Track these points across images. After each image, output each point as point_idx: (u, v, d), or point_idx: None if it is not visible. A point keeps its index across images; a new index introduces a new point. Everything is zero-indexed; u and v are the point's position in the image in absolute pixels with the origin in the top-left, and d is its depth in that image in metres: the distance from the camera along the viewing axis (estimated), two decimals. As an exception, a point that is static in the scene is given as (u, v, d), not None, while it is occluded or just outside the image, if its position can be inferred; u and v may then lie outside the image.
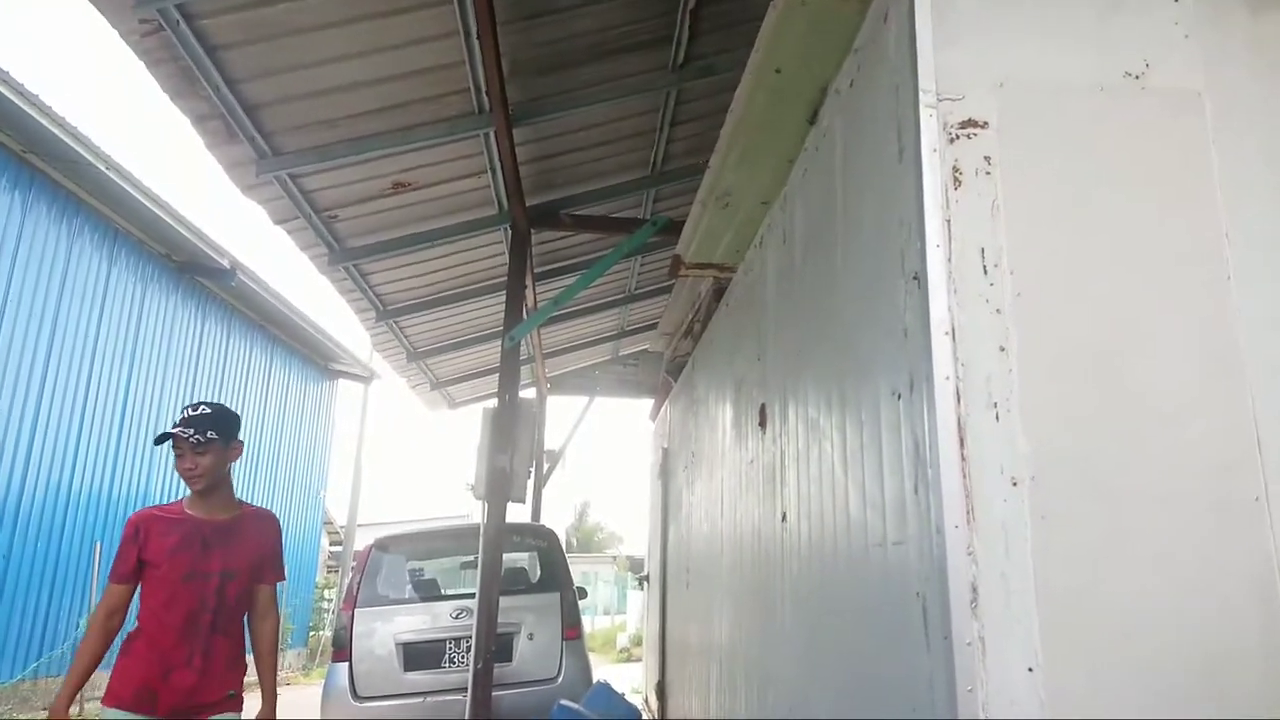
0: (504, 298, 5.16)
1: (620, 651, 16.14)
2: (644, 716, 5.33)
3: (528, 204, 4.74)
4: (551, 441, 9.85)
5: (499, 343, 6.65)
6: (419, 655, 4.78)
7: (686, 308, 5.31)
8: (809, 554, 2.43)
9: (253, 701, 2.63)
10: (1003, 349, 1.57)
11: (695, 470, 5.17)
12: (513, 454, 4.55)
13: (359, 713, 4.59)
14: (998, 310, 1.58)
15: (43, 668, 7.91)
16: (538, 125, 4.19)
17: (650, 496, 8.32)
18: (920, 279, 1.63)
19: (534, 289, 5.65)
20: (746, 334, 3.46)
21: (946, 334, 1.56)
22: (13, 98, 7.18)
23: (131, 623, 2.58)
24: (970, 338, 1.57)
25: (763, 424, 3.11)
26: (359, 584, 4.93)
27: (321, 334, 14.10)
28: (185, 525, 2.55)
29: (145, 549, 2.50)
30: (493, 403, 4.73)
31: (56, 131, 7.70)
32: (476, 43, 3.33)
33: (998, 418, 1.54)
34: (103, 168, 8.39)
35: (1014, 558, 1.49)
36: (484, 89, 3.66)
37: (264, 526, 2.74)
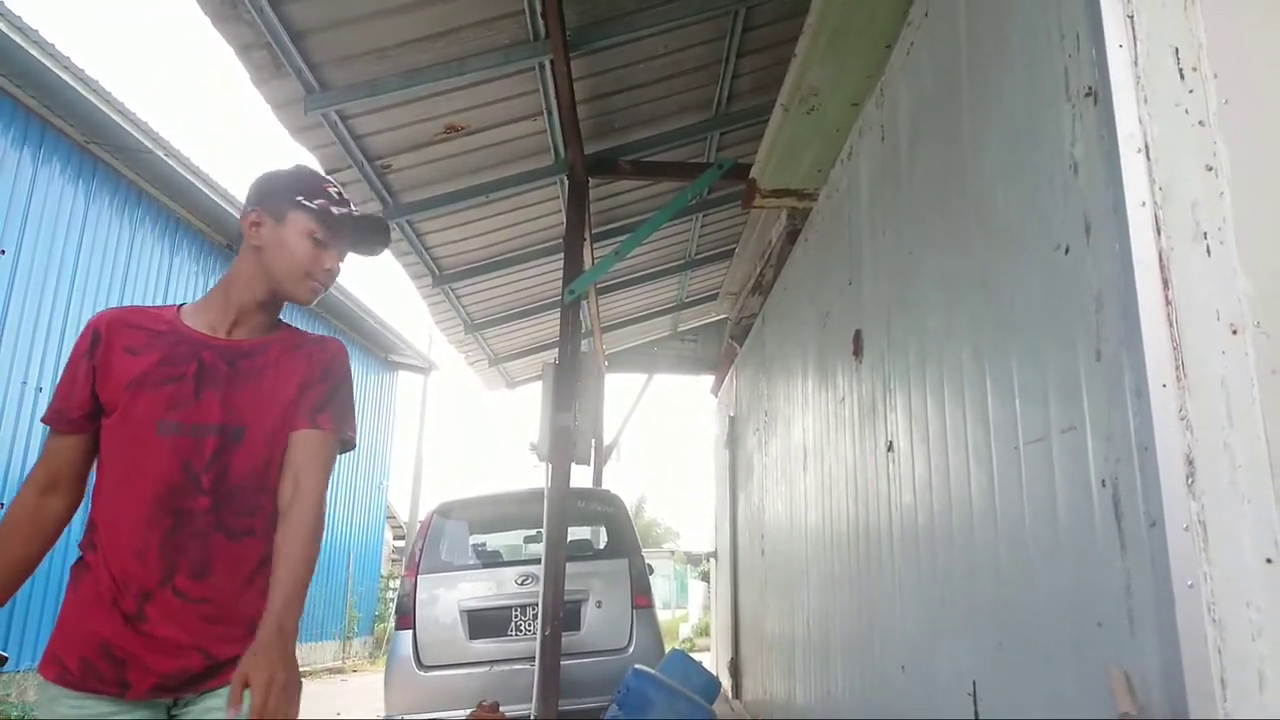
0: (560, 263, 4.93)
1: (684, 642, 15.88)
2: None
3: (585, 151, 4.49)
4: (605, 431, 9.61)
5: (555, 314, 6.45)
6: (484, 623, 4.58)
7: (755, 259, 5.01)
8: (926, 478, 2.12)
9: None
10: (1210, 168, 1.25)
11: (769, 430, 4.86)
12: (576, 411, 4.31)
13: (424, 683, 4.41)
14: (1200, 122, 1.26)
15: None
16: (595, 56, 3.93)
17: (715, 472, 8.03)
18: (1097, 92, 1.32)
19: (592, 245, 5.41)
20: (834, 262, 3.15)
21: (1139, 151, 1.25)
22: (76, 86, 7.20)
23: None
24: (1168, 155, 1.25)
25: (858, 352, 2.80)
26: (421, 550, 4.76)
27: (381, 325, 14.12)
28: (171, 341, 1.50)
29: (103, 375, 1.46)
30: (554, 356, 4.50)
31: (118, 120, 7.72)
32: (532, -45, 3.09)
33: (1209, 251, 1.22)
34: (162, 154, 8.41)
35: (1239, 423, 1.17)
36: (539, 11, 3.42)
37: (315, 354, 1.63)
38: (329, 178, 1.66)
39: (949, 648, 1.96)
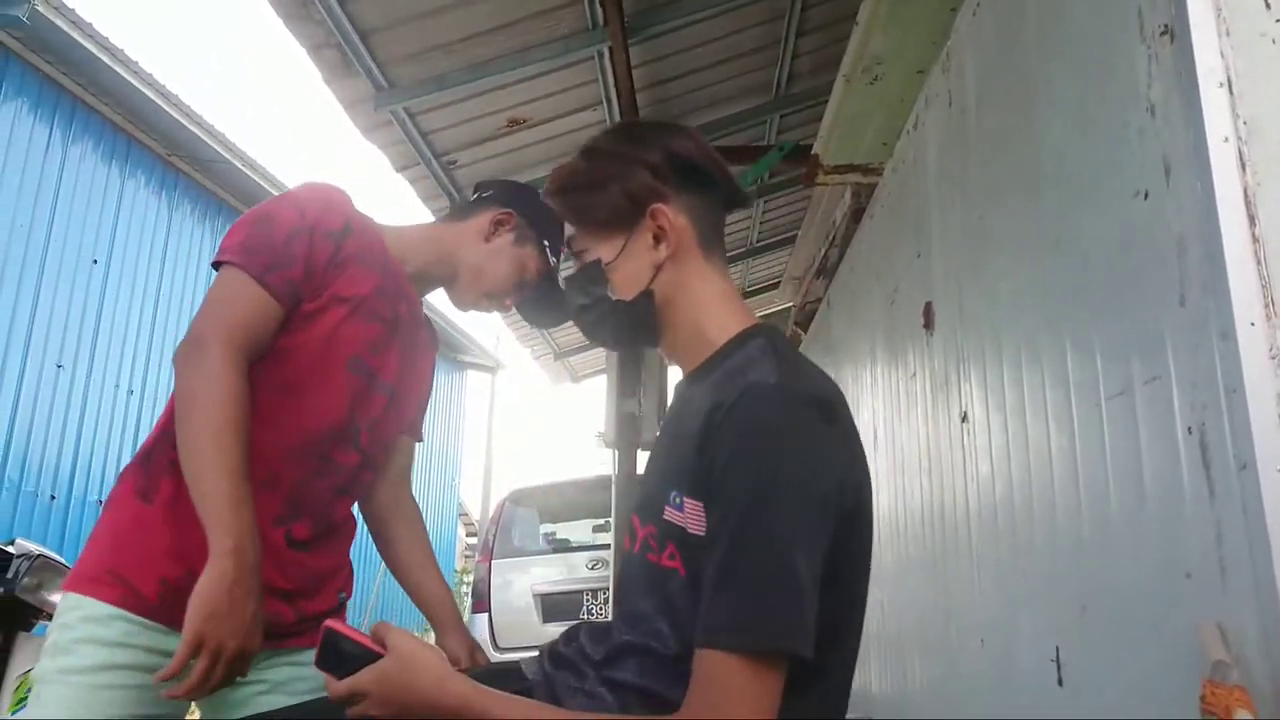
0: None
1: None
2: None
3: (646, 139, 4.52)
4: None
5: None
6: (557, 606, 4.67)
7: (819, 241, 4.96)
8: (1003, 445, 2.08)
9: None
10: (1299, 100, 1.20)
11: (837, 414, 4.82)
12: (641, 397, 4.35)
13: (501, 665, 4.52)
14: (1288, 52, 1.21)
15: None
16: (653, 43, 3.95)
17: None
18: (1173, 30, 1.28)
19: (656, 235, 5.43)
20: (901, 236, 3.11)
21: (1220, 86, 1.21)
22: (159, 101, 7.56)
23: None
24: (1253, 89, 1.20)
25: (928, 325, 2.75)
26: (494, 536, 4.88)
27: (449, 325, 14.42)
28: (384, 270, 1.36)
29: (335, 274, 1.28)
30: (620, 345, 4.55)
31: (198, 132, 8.08)
32: (589, -58, 3.13)
33: (1299, 186, 1.17)
34: (239, 164, 8.76)
35: (1336, 361, 1.12)
36: (598, -1, 3.46)
37: (433, 346, 1.59)
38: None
39: (1030, 617, 1.92)
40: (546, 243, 1.52)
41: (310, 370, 1.28)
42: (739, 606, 0.88)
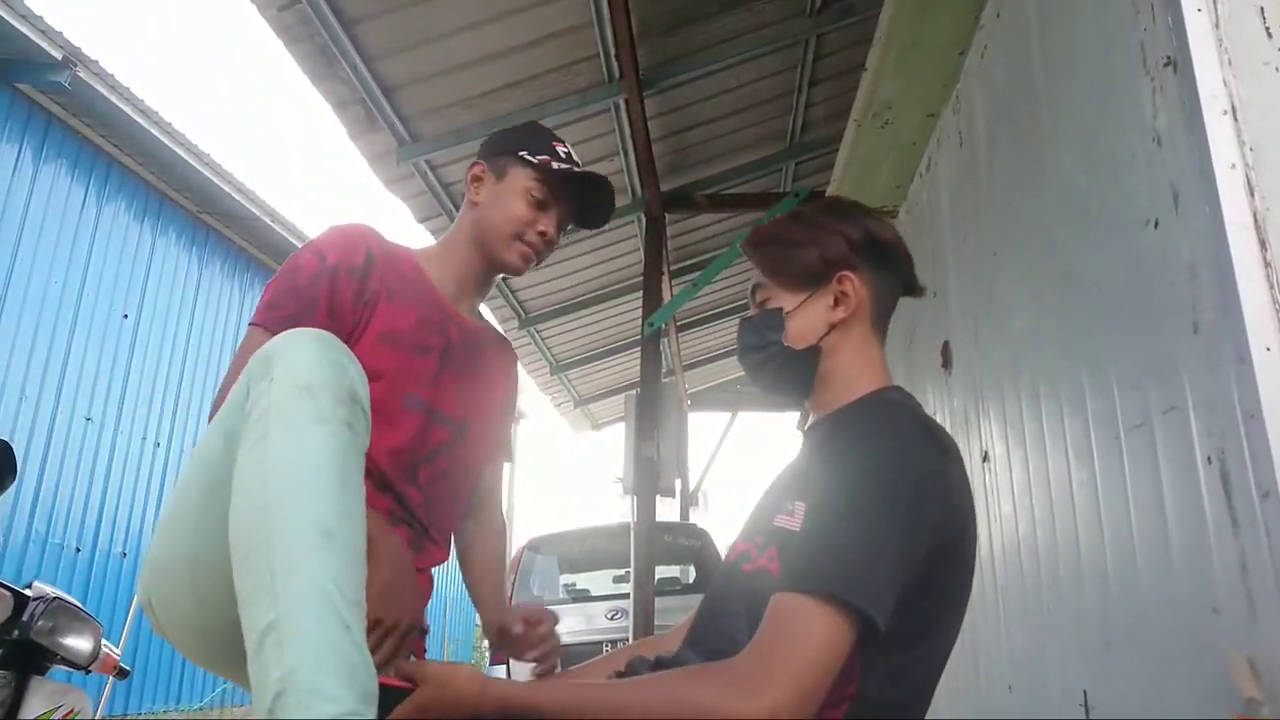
0: (640, 298, 5.01)
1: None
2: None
3: (661, 188, 4.58)
4: (690, 477, 9.52)
5: (637, 353, 6.52)
6: (576, 658, 4.57)
7: (837, 286, 4.98)
8: (1024, 483, 2.05)
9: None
10: (1305, 126, 1.20)
11: (858, 459, 4.77)
12: (659, 442, 4.33)
13: (519, 718, 4.43)
14: (1291, 80, 1.22)
15: (227, 695, 8.24)
16: (669, 94, 4.04)
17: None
18: (1176, 61, 1.29)
19: (671, 281, 5.48)
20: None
21: (1225, 113, 1.21)
22: (191, 160, 7.78)
23: None
24: (1258, 116, 1.21)
25: (946, 364, 2.74)
26: (514, 585, 4.82)
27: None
28: (425, 301, 1.38)
29: (374, 303, 1.30)
30: (636, 392, 4.55)
31: (229, 190, 8.29)
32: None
33: (1309, 210, 1.17)
34: (268, 220, 8.97)
35: (1356, 385, 1.10)
36: (613, 53, 3.55)
37: (510, 362, 1.57)
38: (559, 136, 1.51)
39: (1057, 659, 1.87)
40: (522, 153, 1.43)
41: (375, 410, 1.29)
42: (822, 558, 0.90)
